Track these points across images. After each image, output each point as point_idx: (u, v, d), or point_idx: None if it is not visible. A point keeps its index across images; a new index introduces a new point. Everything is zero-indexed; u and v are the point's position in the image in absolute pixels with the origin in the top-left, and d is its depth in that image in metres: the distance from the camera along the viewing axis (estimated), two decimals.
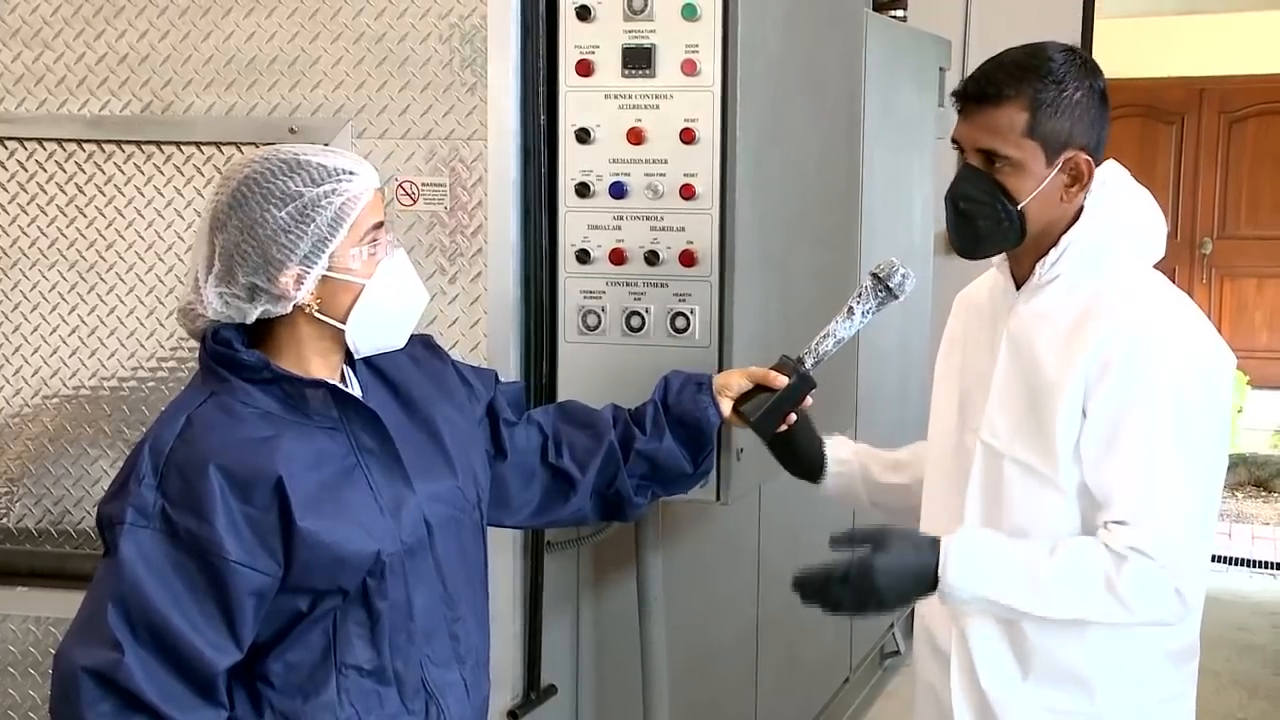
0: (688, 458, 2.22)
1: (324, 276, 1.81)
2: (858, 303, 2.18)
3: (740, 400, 2.22)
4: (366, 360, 1.93)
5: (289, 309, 1.81)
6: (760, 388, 2.22)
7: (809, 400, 2.24)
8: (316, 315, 1.82)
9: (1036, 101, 2.00)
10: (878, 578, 1.99)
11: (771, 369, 2.21)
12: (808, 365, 2.20)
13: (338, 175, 1.80)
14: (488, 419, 2.12)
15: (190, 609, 1.72)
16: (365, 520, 1.82)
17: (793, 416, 2.24)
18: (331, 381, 1.86)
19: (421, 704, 1.89)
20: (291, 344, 1.85)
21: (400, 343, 1.93)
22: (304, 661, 1.81)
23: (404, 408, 1.94)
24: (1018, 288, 2.13)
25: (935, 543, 2.02)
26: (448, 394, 2.02)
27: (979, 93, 2.03)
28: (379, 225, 1.85)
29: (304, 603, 1.80)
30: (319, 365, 1.86)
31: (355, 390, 1.91)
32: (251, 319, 1.82)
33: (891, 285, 2.16)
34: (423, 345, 2.03)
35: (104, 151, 2.67)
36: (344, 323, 1.83)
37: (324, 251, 1.79)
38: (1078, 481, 2.04)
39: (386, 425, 1.86)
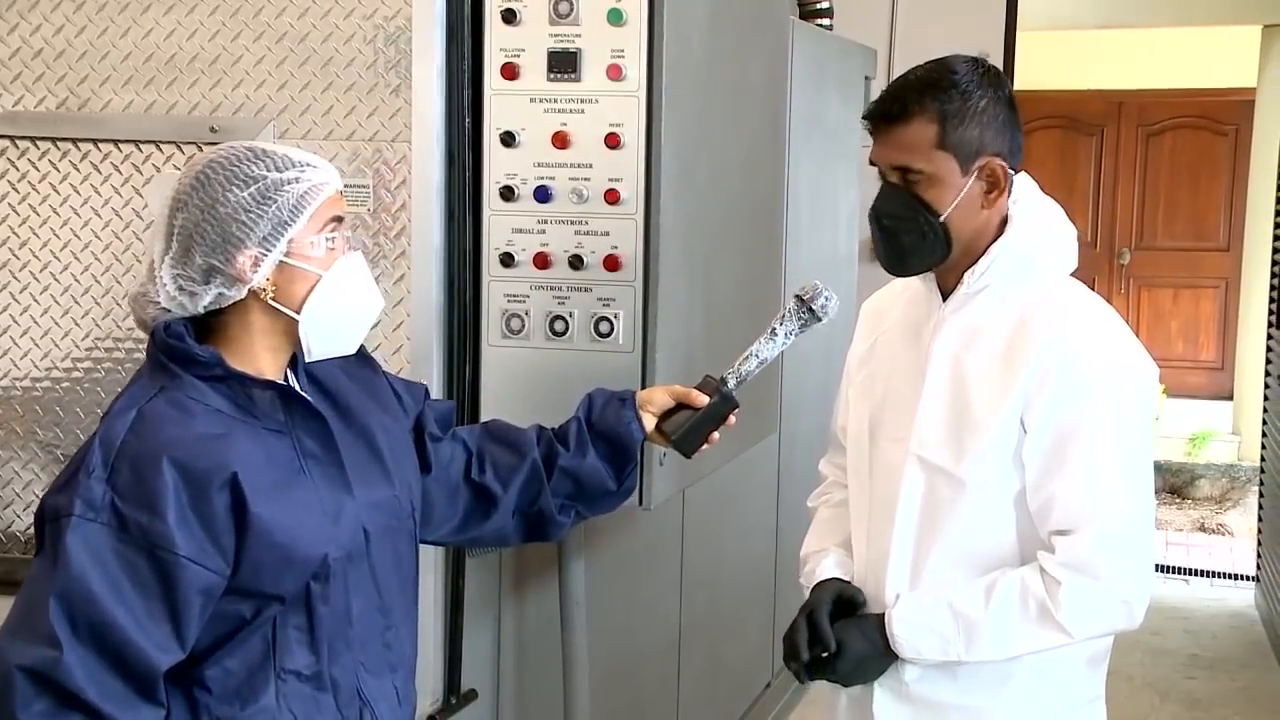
0: (611, 475, 2.20)
1: (281, 263, 1.80)
2: (780, 324, 2.17)
3: (663, 417, 2.21)
4: (305, 370, 1.92)
5: (243, 294, 1.80)
6: (683, 405, 2.20)
7: (732, 420, 2.23)
8: (270, 303, 1.81)
9: (944, 113, 2.02)
10: (853, 679, 2.17)
11: (695, 388, 2.20)
12: (731, 385, 2.19)
13: (301, 165, 1.82)
14: (413, 433, 2.10)
15: (136, 606, 1.67)
16: (313, 523, 1.81)
17: (715, 436, 2.22)
18: (281, 383, 1.85)
19: (356, 711, 1.88)
20: (243, 337, 1.83)
21: (352, 348, 1.92)
22: (242, 667, 1.79)
23: (341, 417, 1.92)
24: (944, 298, 2.15)
25: (881, 625, 2.12)
26: (382, 404, 2.01)
27: (886, 112, 2.06)
28: (339, 220, 1.86)
29: (248, 609, 1.77)
30: (268, 362, 1.85)
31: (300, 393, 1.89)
32: (203, 305, 1.80)
33: (815, 308, 2.16)
34: (355, 356, 2.01)
35: (18, 148, 2.62)
36: (298, 312, 1.82)
37: (283, 235, 1.79)
38: (1014, 492, 2.07)
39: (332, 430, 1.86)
